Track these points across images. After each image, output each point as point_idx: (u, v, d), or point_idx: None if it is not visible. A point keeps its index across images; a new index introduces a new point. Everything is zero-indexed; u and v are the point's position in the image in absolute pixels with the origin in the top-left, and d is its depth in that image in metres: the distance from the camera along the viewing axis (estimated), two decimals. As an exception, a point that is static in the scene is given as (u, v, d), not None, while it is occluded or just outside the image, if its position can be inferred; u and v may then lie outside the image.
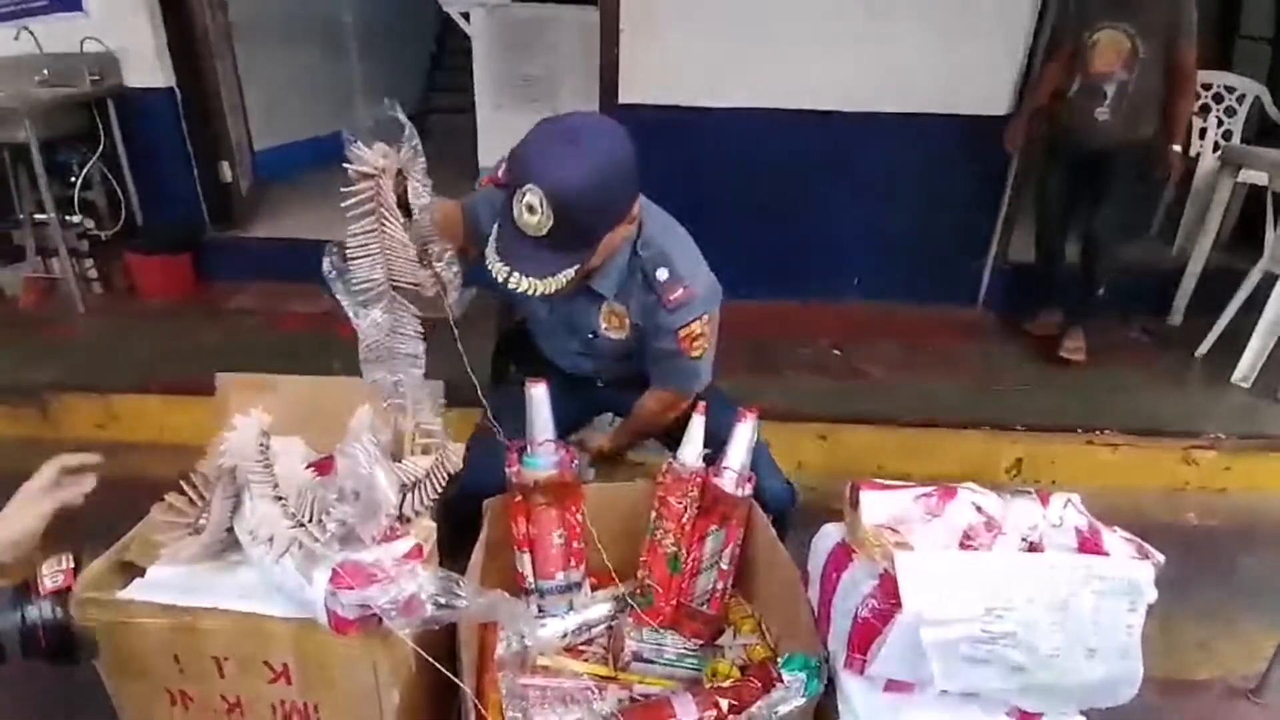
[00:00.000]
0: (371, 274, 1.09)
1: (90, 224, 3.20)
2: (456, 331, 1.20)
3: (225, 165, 3.52)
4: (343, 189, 1.04)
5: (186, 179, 3.48)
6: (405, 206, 1.10)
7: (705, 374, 1.45)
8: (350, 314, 1.11)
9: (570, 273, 1.18)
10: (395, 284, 1.12)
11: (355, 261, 1.07)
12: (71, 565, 0.85)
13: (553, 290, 1.18)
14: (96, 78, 3.14)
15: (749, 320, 3.25)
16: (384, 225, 1.06)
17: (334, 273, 1.09)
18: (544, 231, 1.13)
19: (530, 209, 1.11)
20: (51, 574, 0.83)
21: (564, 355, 1.55)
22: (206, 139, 3.46)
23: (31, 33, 3.05)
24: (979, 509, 1.03)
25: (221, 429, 1.01)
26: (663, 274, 1.31)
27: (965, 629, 0.96)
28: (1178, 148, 2.81)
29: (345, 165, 1.03)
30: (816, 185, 3.23)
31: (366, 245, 1.07)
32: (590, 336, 1.43)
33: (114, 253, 3.33)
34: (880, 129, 3.21)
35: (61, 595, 0.83)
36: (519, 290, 1.17)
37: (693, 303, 1.33)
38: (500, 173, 1.32)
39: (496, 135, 3.71)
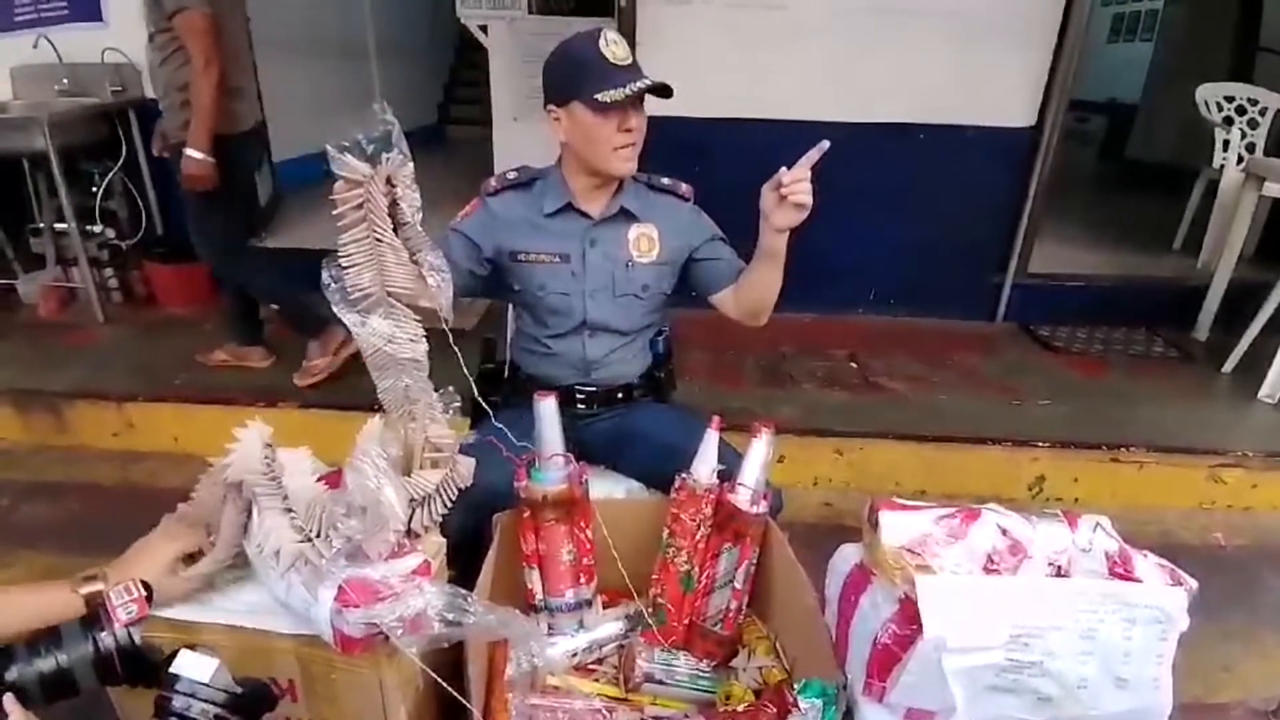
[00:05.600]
0: (365, 281, 1.08)
1: (111, 233, 3.23)
2: (450, 336, 1.19)
3: (244, 175, 3.54)
4: (330, 198, 1.03)
5: (206, 189, 3.51)
6: (396, 214, 1.09)
7: None
8: (349, 324, 1.11)
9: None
10: (390, 291, 1.11)
11: (349, 270, 1.07)
12: (144, 594, 0.85)
13: (666, 92, 1.36)
14: (118, 89, 3.18)
15: (764, 332, 3.21)
16: (374, 232, 1.05)
17: (332, 284, 1.08)
18: (630, 60, 1.35)
19: (615, 42, 1.34)
20: (124, 604, 0.83)
21: (596, 311, 1.52)
22: (226, 150, 3.49)
23: (50, 42, 3.09)
24: (1004, 531, 1.00)
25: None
26: (665, 180, 1.56)
27: (989, 657, 0.93)
28: (193, 153, 2.27)
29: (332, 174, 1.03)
30: (833, 197, 3.18)
31: (359, 253, 1.06)
32: (627, 267, 1.50)
33: (134, 262, 3.36)
34: (898, 140, 3.18)
35: (137, 624, 0.83)
36: (646, 88, 1.33)
37: (693, 193, 1.57)
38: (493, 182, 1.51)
39: (513, 147, 3.71)
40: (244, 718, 0.83)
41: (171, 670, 0.80)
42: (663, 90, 1.36)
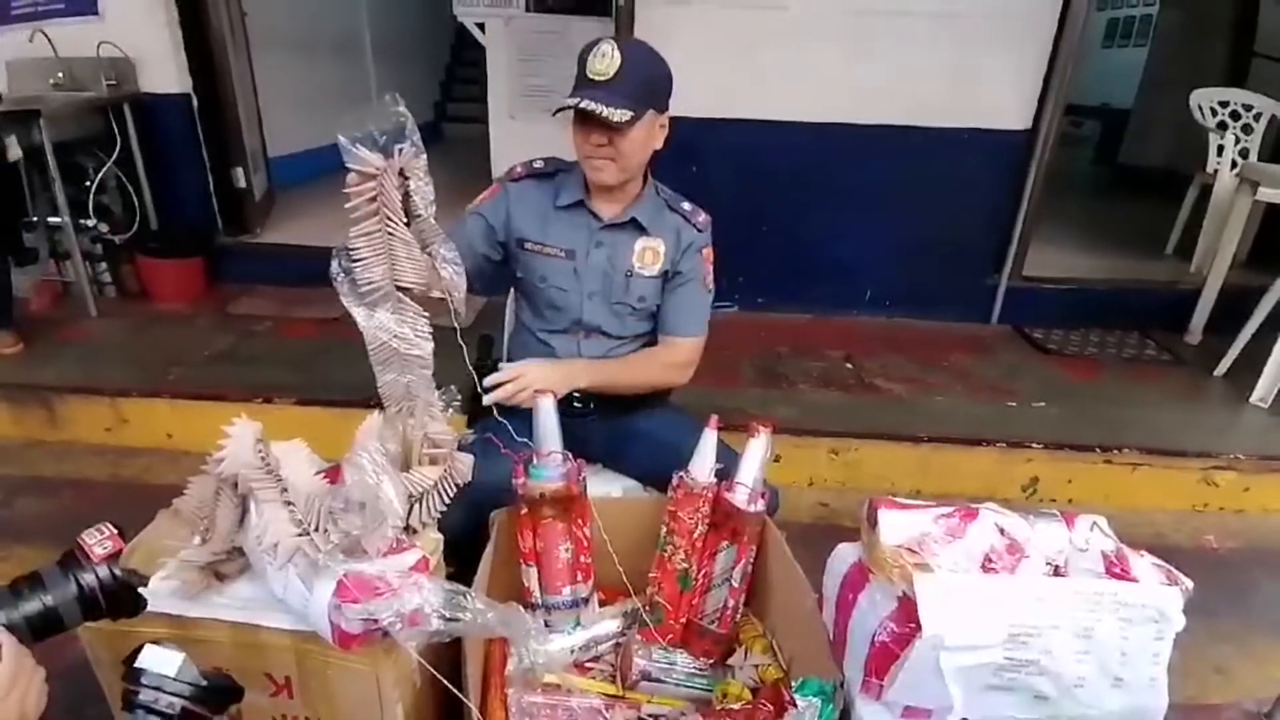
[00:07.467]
0: (375, 275, 1.07)
1: (104, 228, 3.20)
2: (460, 331, 1.18)
3: (239, 171, 3.53)
4: (344, 190, 1.03)
5: (200, 184, 3.49)
6: (409, 207, 1.08)
7: (706, 320, 1.58)
8: (356, 316, 1.10)
9: (627, 113, 1.31)
10: (400, 285, 1.11)
11: (359, 263, 1.06)
12: (115, 531, 0.86)
13: (613, 120, 1.30)
14: (113, 82, 3.15)
15: (760, 333, 3.23)
16: (387, 225, 1.05)
17: (340, 275, 1.07)
18: (611, 74, 1.31)
19: (603, 55, 1.32)
20: (99, 542, 0.84)
21: (591, 313, 1.53)
22: (221, 145, 3.47)
23: (46, 35, 3.06)
24: (1002, 531, 1.00)
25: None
26: (686, 204, 1.55)
27: (987, 655, 0.93)
28: None
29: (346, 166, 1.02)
30: (829, 198, 3.21)
31: (370, 246, 1.06)
32: (626, 277, 1.50)
33: (127, 256, 3.34)
34: (895, 142, 3.19)
35: (114, 558, 0.84)
36: (588, 108, 1.30)
37: (709, 228, 1.55)
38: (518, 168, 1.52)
39: (510, 145, 3.72)
40: (210, 709, 0.83)
41: (137, 665, 0.80)
42: (592, 116, 1.31)
